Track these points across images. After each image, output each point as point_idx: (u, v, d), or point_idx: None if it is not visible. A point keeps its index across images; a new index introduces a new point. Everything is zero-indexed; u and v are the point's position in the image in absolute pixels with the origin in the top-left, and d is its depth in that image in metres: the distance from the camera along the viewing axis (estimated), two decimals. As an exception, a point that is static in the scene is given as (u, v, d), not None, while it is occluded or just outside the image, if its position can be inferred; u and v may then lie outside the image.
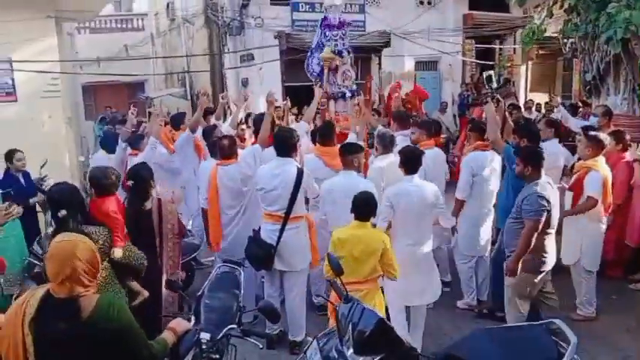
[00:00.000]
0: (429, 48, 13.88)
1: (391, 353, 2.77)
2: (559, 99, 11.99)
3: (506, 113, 6.01)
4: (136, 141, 6.03)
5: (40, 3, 8.04)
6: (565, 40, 8.57)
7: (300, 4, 13.49)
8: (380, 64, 14.16)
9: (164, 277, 4.08)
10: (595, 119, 6.86)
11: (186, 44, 16.67)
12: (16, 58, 7.91)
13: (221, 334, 2.88)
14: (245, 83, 12.87)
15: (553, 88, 16.57)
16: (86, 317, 2.19)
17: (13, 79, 8.12)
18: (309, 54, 7.80)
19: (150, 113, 6.38)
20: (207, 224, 5.06)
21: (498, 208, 5.08)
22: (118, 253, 3.39)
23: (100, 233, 3.32)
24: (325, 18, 7.51)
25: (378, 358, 2.74)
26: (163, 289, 4.07)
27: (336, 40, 7.37)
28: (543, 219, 3.90)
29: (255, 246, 4.45)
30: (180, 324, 2.71)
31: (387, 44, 13.81)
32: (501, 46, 16.08)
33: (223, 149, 4.82)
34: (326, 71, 7.41)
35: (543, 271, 4.09)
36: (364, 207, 3.68)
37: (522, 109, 11.08)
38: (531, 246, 3.94)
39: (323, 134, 5.30)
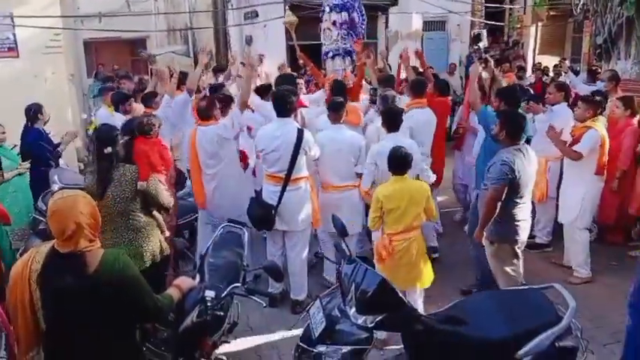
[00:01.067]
0: (438, 7, 13.50)
1: (393, 313, 2.83)
2: (568, 63, 11.78)
3: (495, 73, 5.78)
4: (148, 99, 5.96)
5: (40, -46, 7.88)
6: (577, 1, 8.34)
7: (306, -41, 13.09)
8: (387, 22, 13.85)
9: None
10: (602, 84, 6.75)
11: (188, 0, 16.31)
12: (17, 14, 7.76)
13: (225, 292, 2.94)
14: (249, 41, 12.56)
15: (562, 51, 16.23)
16: (92, 272, 2.22)
17: (14, 35, 7.98)
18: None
19: (152, 71, 6.29)
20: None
21: (476, 172, 5.03)
22: (141, 185, 3.58)
23: (132, 170, 3.58)
24: None
25: (380, 317, 2.80)
26: None
27: None
28: (503, 187, 3.77)
29: (257, 206, 4.50)
30: (184, 281, 2.77)
31: (395, 2, 13.46)
32: (511, 6, 15.68)
33: (201, 111, 4.78)
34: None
35: (519, 239, 3.99)
36: (401, 162, 3.85)
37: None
38: (494, 213, 3.84)
39: (336, 92, 5.34)
